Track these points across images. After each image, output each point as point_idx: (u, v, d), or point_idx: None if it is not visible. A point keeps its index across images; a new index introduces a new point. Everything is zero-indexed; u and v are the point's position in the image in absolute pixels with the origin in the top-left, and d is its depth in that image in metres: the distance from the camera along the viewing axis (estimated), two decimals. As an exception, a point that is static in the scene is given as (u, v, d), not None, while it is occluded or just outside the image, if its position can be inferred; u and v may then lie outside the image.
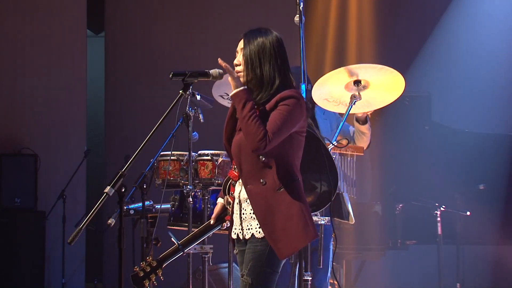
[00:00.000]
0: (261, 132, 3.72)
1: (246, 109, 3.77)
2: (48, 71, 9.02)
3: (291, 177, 3.83)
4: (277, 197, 3.79)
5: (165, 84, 7.34)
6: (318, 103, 5.15)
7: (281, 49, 3.89)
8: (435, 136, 7.47)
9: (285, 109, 3.78)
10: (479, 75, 8.50)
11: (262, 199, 3.81)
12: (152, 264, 4.19)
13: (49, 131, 8.97)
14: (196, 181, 5.13)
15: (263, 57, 3.86)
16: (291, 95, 3.81)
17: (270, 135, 3.73)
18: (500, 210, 7.25)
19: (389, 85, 5.10)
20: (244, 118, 3.77)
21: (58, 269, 8.51)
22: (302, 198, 3.84)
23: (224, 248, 5.15)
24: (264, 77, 3.85)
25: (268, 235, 3.78)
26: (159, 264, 4.19)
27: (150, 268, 4.18)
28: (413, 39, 8.90)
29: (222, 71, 4.16)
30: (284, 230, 3.77)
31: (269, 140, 3.72)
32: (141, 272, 4.17)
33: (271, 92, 3.84)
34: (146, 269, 4.18)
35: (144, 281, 4.19)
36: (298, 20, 4.51)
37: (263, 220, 3.80)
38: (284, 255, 3.82)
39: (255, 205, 3.82)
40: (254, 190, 3.82)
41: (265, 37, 3.89)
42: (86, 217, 3.61)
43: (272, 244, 3.77)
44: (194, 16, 9.36)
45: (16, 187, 8.32)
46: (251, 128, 3.74)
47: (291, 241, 3.78)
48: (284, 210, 3.78)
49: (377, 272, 8.16)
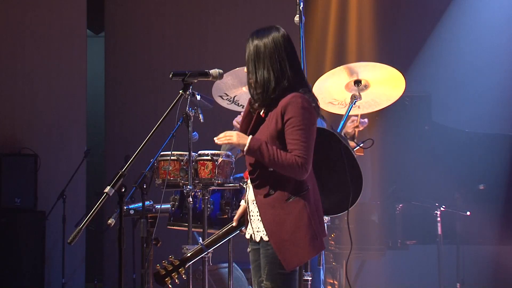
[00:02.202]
0: (293, 161, 3.69)
1: (265, 154, 3.72)
2: (48, 71, 9.02)
3: (301, 187, 3.77)
4: (285, 208, 3.75)
5: (165, 84, 7.35)
6: (323, 107, 5.12)
7: (281, 49, 3.81)
8: (435, 136, 7.46)
9: (296, 122, 3.71)
10: (479, 75, 8.50)
11: (270, 209, 3.77)
12: (175, 263, 4.24)
13: (49, 131, 8.97)
14: (196, 181, 5.12)
15: (257, 62, 3.81)
16: (291, 101, 3.73)
17: (302, 157, 3.69)
18: (500, 210, 7.25)
19: (390, 85, 5.08)
20: (271, 162, 3.72)
21: (58, 269, 8.51)
22: (312, 208, 3.78)
23: (224, 248, 5.14)
24: (259, 81, 3.80)
25: (275, 246, 3.76)
26: (181, 264, 4.25)
27: (172, 266, 4.24)
28: (413, 39, 8.90)
29: (222, 71, 4.16)
30: (291, 241, 3.73)
31: (305, 162, 3.69)
32: (163, 270, 4.22)
33: (272, 96, 3.79)
34: (168, 268, 4.23)
35: (165, 279, 4.24)
36: (298, 20, 4.51)
37: (270, 230, 3.77)
38: (290, 267, 3.78)
39: (263, 215, 3.80)
40: (263, 199, 3.79)
41: (261, 40, 3.83)
42: (86, 217, 3.61)
43: (279, 255, 3.75)
44: (194, 16, 9.36)
45: (16, 187, 8.31)
46: (283, 165, 3.70)
47: (298, 253, 3.74)
48: (292, 221, 3.74)
49: (377, 272, 8.16)
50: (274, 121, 3.76)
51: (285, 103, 3.74)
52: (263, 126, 3.83)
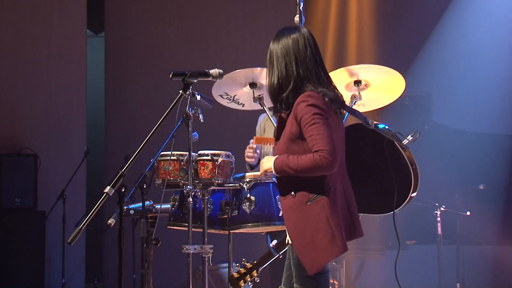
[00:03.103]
0: (314, 159, 3.65)
1: (289, 168, 3.72)
2: (48, 71, 9.02)
3: (322, 187, 3.74)
4: (306, 210, 3.74)
5: (165, 84, 7.35)
6: None
7: (289, 52, 3.81)
8: (435, 136, 7.47)
9: (307, 120, 3.69)
10: (479, 75, 8.50)
11: (292, 212, 3.77)
12: (247, 266, 4.40)
13: (49, 131, 8.97)
14: (196, 181, 5.11)
15: (270, 65, 3.85)
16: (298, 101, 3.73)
17: (321, 149, 3.63)
18: (500, 210, 7.25)
19: (389, 86, 5.09)
20: (298, 171, 3.70)
21: (58, 269, 8.51)
22: (333, 209, 3.74)
23: (224, 248, 5.14)
24: (270, 87, 3.84)
25: (297, 250, 3.77)
26: (254, 267, 4.40)
27: (245, 270, 4.39)
28: (413, 39, 8.90)
29: (222, 71, 4.16)
30: (310, 245, 3.72)
31: (327, 154, 3.62)
32: (237, 274, 4.41)
33: (281, 99, 3.80)
34: (242, 271, 4.40)
35: (240, 282, 4.42)
36: (298, 20, 4.51)
37: (293, 234, 3.79)
38: (313, 270, 3.77)
39: (287, 219, 3.81)
40: (286, 203, 3.81)
41: (274, 45, 3.85)
42: (86, 217, 3.61)
43: (302, 260, 3.76)
44: (194, 16, 9.36)
45: (16, 187, 8.31)
46: (308, 168, 3.67)
47: (319, 256, 3.73)
48: (311, 225, 3.73)
49: (377, 272, 8.16)
50: (290, 123, 3.78)
51: (296, 105, 3.76)
52: (284, 129, 3.84)
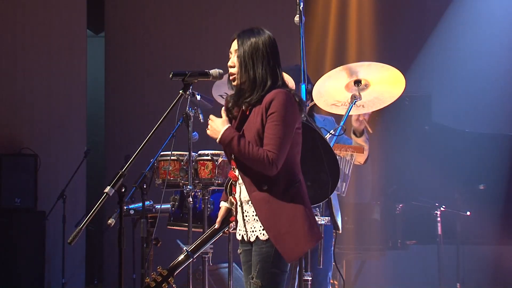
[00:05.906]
0: (263, 156, 3.70)
1: (235, 146, 3.75)
2: (48, 71, 9.02)
3: (293, 179, 3.80)
4: (281, 201, 3.77)
5: (165, 84, 7.35)
6: (327, 110, 5.10)
7: (273, 49, 3.87)
8: (435, 136, 7.47)
9: (277, 117, 3.74)
10: (479, 75, 8.50)
11: (265, 203, 3.78)
12: (163, 274, 4.18)
13: (49, 131, 8.97)
14: (196, 181, 5.12)
15: (256, 59, 3.85)
16: (275, 97, 3.75)
17: (274, 153, 3.70)
18: (500, 210, 7.26)
19: (389, 85, 5.08)
20: (241, 154, 3.75)
21: (58, 269, 8.51)
22: (305, 199, 3.83)
23: (224, 248, 5.15)
24: (257, 78, 3.83)
25: (273, 239, 3.76)
26: (170, 273, 4.19)
27: (162, 277, 4.18)
28: (413, 39, 8.90)
29: (222, 71, 4.16)
30: (290, 233, 3.75)
31: (276, 159, 3.70)
32: (153, 282, 4.17)
33: (262, 93, 3.82)
34: (158, 279, 4.17)
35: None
36: (298, 20, 4.51)
37: (267, 224, 3.78)
38: (291, 258, 3.81)
39: (259, 211, 3.81)
40: (258, 195, 3.80)
41: (257, 38, 3.88)
42: (86, 217, 3.61)
43: (279, 248, 3.76)
44: (194, 16, 9.37)
45: (16, 187, 8.31)
46: (253, 159, 3.72)
47: (298, 244, 3.77)
48: (288, 213, 3.76)
49: (377, 272, 8.16)
50: (259, 117, 3.78)
51: (269, 98, 3.77)
52: (248, 122, 3.84)
